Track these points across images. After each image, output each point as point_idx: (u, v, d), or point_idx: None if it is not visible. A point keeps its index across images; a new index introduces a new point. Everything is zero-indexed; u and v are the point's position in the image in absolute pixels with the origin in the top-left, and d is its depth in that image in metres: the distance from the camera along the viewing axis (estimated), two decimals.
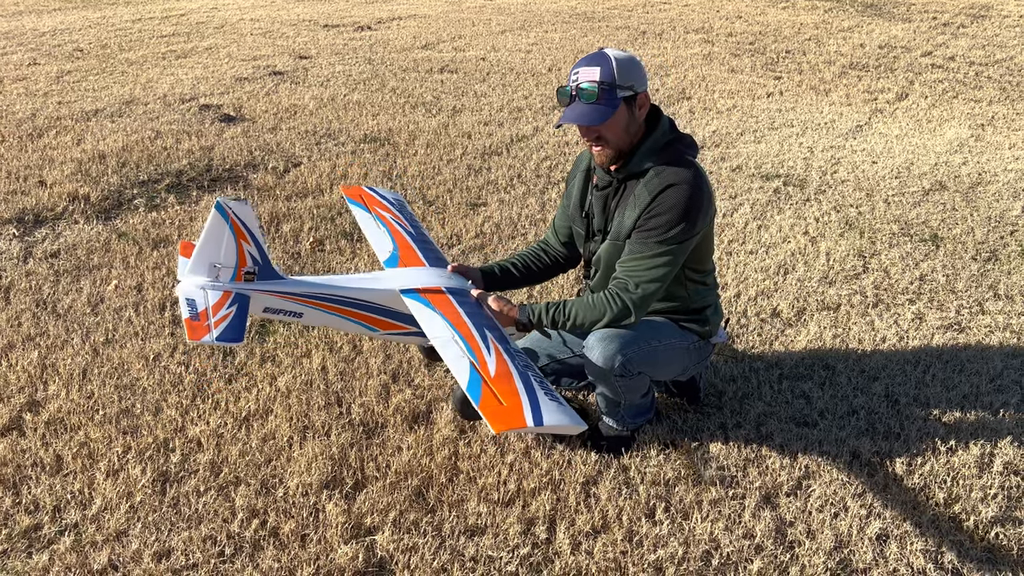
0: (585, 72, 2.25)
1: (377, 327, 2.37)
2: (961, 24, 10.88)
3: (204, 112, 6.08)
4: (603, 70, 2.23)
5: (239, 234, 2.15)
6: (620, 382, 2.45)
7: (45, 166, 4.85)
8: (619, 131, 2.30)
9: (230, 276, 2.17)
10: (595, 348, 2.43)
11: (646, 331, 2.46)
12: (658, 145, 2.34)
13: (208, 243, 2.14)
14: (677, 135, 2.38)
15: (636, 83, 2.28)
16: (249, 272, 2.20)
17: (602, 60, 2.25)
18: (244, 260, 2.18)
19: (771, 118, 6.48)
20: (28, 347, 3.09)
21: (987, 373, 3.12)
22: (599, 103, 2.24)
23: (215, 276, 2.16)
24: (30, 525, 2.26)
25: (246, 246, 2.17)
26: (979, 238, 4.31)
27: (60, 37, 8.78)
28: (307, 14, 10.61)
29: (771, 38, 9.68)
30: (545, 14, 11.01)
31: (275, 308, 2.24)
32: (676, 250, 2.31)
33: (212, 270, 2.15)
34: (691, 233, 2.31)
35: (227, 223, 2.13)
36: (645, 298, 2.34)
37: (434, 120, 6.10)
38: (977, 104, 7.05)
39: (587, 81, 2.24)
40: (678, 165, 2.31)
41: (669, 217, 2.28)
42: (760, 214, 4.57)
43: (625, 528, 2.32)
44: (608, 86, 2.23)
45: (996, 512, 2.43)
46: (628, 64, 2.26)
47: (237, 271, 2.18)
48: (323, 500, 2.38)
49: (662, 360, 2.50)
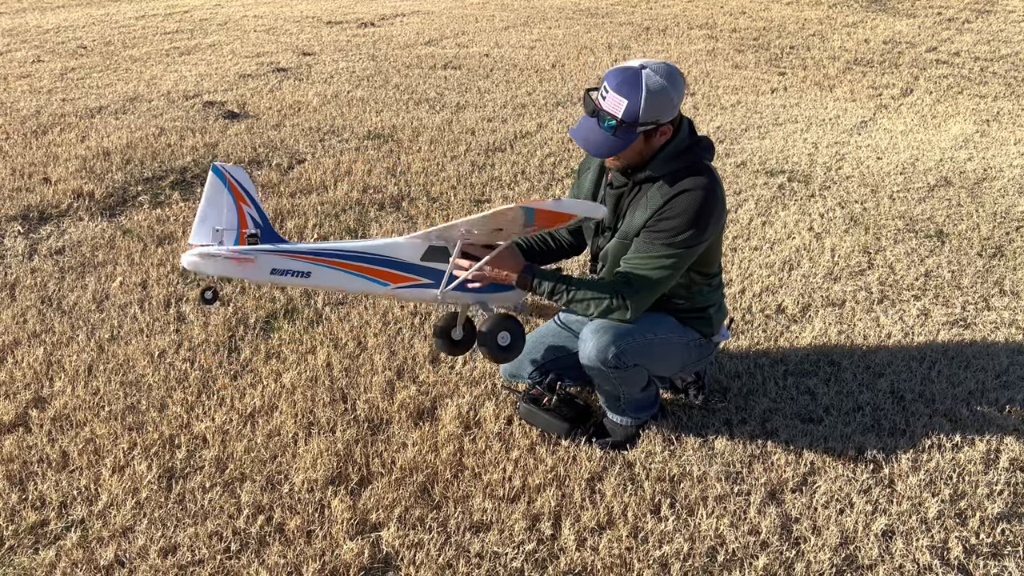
0: (612, 100, 2.19)
1: (388, 280, 2.26)
2: (966, 19, 10.84)
3: (208, 109, 6.08)
4: (629, 106, 2.17)
5: (238, 197, 2.11)
6: (615, 374, 2.44)
7: (50, 163, 4.85)
8: (631, 157, 2.31)
9: (233, 239, 2.12)
10: (589, 340, 2.42)
11: (643, 324, 2.45)
12: (677, 151, 2.32)
13: (208, 208, 2.09)
14: (696, 139, 2.37)
15: (662, 116, 2.23)
16: (252, 234, 2.14)
17: (633, 92, 2.17)
18: (245, 222, 2.13)
19: (775, 114, 6.46)
20: (34, 343, 3.09)
21: (993, 369, 3.11)
22: (615, 135, 2.23)
23: (219, 242, 2.10)
24: (37, 521, 2.27)
25: (246, 208, 2.13)
26: (984, 234, 4.30)
27: (64, 34, 8.78)
28: (310, 11, 10.60)
29: (775, 34, 9.65)
30: (548, 10, 10.99)
31: (282, 269, 2.15)
32: (682, 254, 2.30)
33: (215, 235, 2.09)
34: (699, 239, 2.30)
35: (225, 186, 2.09)
36: (643, 297, 2.33)
37: (438, 116, 6.09)
38: (982, 100, 7.02)
39: (610, 113, 2.20)
40: (695, 171, 2.30)
41: (679, 221, 2.27)
42: (765, 210, 4.56)
43: (630, 524, 2.32)
44: (628, 125, 2.20)
45: (1002, 508, 2.42)
46: (658, 98, 2.18)
47: (240, 234, 2.12)
48: (328, 496, 2.38)
49: (658, 354, 2.49)
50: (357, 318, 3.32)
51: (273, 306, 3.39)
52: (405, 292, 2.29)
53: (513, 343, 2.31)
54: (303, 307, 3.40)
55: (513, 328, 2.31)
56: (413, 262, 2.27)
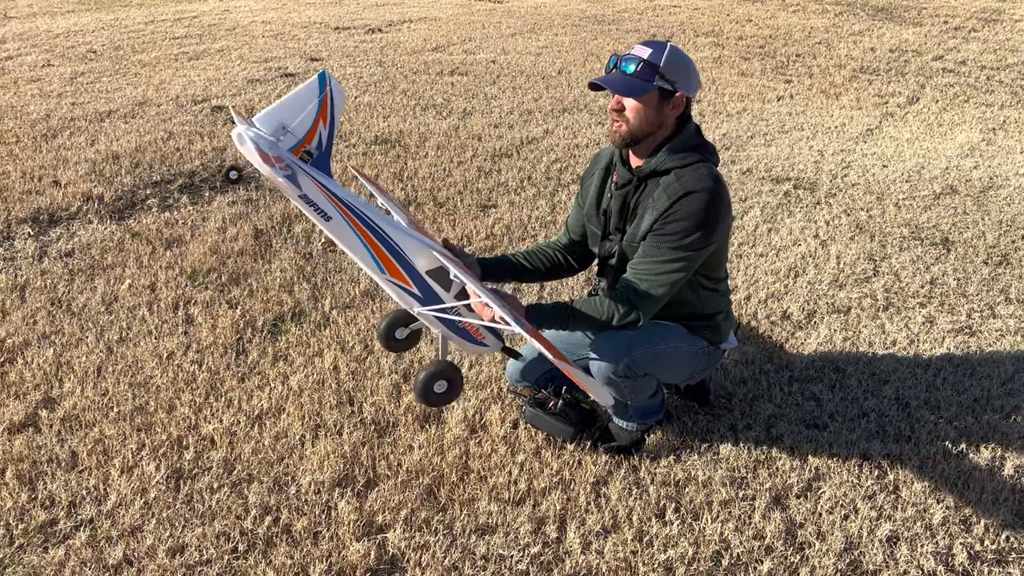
0: (638, 49, 2.25)
1: (385, 268, 2.15)
2: (972, 28, 10.85)
3: (216, 113, 6.12)
4: (654, 53, 2.23)
5: (322, 112, 2.01)
6: (626, 383, 2.45)
7: (59, 166, 4.89)
8: (641, 115, 2.26)
9: (291, 146, 1.98)
10: (601, 348, 2.43)
11: (653, 333, 2.46)
12: (682, 147, 2.32)
13: (290, 105, 1.98)
14: (702, 141, 2.37)
15: (680, 81, 2.26)
16: (308, 152, 2.01)
17: (659, 46, 2.25)
18: (311, 138, 2.01)
19: (781, 121, 6.48)
20: (43, 345, 3.12)
21: (998, 377, 3.12)
22: (634, 76, 2.24)
23: (277, 139, 1.94)
24: (46, 520, 2.29)
25: (321, 127, 2.03)
26: (990, 242, 4.31)
27: (74, 39, 8.85)
28: (318, 16, 10.66)
29: (781, 41, 9.67)
30: (555, 17, 11.03)
31: (311, 199, 1.98)
32: (690, 257, 2.29)
33: (278, 131, 1.95)
34: (707, 242, 2.30)
35: (318, 97, 2.00)
36: (652, 302, 2.32)
37: (444, 122, 6.12)
38: (988, 108, 7.03)
39: (635, 56, 2.24)
40: (699, 172, 2.29)
41: (686, 224, 2.26)
42: (770, 217, 4.57)
43: (635, 528, 2.33)
44: (650, 67, 2.22)
45: (1007, 515, 2.43)
46: (681, 62, 2.26)
47: (299, 145, 1.99)
48: (335, 498, 2.40)
49: (668, 363, 2.50)
50: (364, 322, 3.34)
51: (280, 309, 3.42)
52: (391, 288, 2.20)
53: (448, 393, 2.23)
54: (310, 310, 3.42)
55: (454, 379, 2.22)
56: (417, 269, 2.19)
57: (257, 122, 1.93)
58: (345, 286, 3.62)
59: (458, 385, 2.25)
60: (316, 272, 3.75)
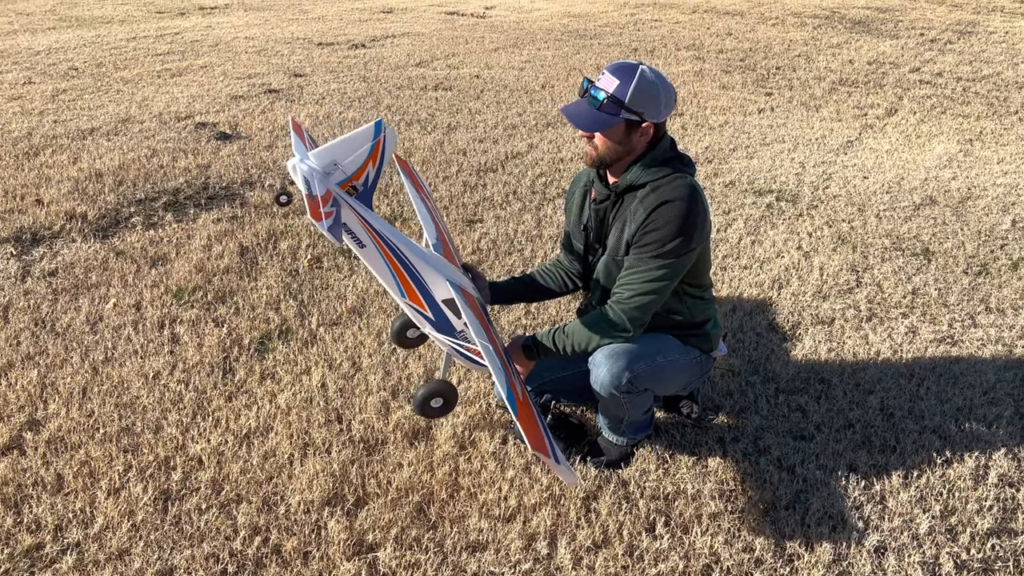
0: (606, 79, 2.27)
1: (406, 293, 2.32)
2: (948, 40, 11.02)
3: (200, 130, 6.11)
4: (620, 86, 2.24)
5: (373, 155, 2.16)
6: (626, 399, 2.47)
7: (42, 185, 4.86)
8: (608, 145, 2.33)
9: (339, 180, 2.13)
10: (602, 365, 2.45)
11: (651, 347, 2.48)
12: (656, 162, 2.36)
13: (345, 145, 2.12)
14: (676, 154, 2.41)
15: (647, 112, 2.28)
16: (354, 187, 2.17)
17: (627, 76, 2.25)
18: (359, 176, 2.16)
19: (763, 134, 6.54)
20: (27, 366, 3.09)
21: (980, 386, 3.16)
22: (600, 112, 2.28)
23: (327, 173, 2.10)
24: (32, 544, 2.26)
25: (370, 167, 2.17)
26: (970, 252, 4.37)
27: (55, 56, 8.80)
28: (301, 32, 10.67)
29: (761, 55, 9.78)
30: (538, 32, 11.10)
31: (350, 228, 2.19)
32: (672, 264, 2.32)
33: (330, 166, 2.11)
34: (687, 248, 2.33)
35: (371, 143, 2.14)
36: (641, 311, 2.35)
37: (429, 137, 6.14)
38: (965, 119, 7.14)
39: (602, 88, 2.27)
40: (674, 182, 2.33)
41: (665, 232, 2.30)
42: (754, 229, 4.61)
43: (626, 543, 2.34)
44: (615, 102, 2.25)
45: (992, 524, 2.45)
46: (649, 92, 2.26)
47: (347, 180, 2.15)
48: (325, 517, 2.39)
49: (667, 375, 2.52)
50: (351, 338, 3.34)
51: (267, 326, 3.41)
52: (409, 309, 2.34)
53: (443, 409, 2.39)
54: (297, 327, 3.41)
55: (448, 396, 2.38)
56: (434, 297, 2.33)
57: (312, 156, 2.08)
58: (332, 303, 3.62)
59: (453, 402, 2.39)
60: (303, 289, 3.74)
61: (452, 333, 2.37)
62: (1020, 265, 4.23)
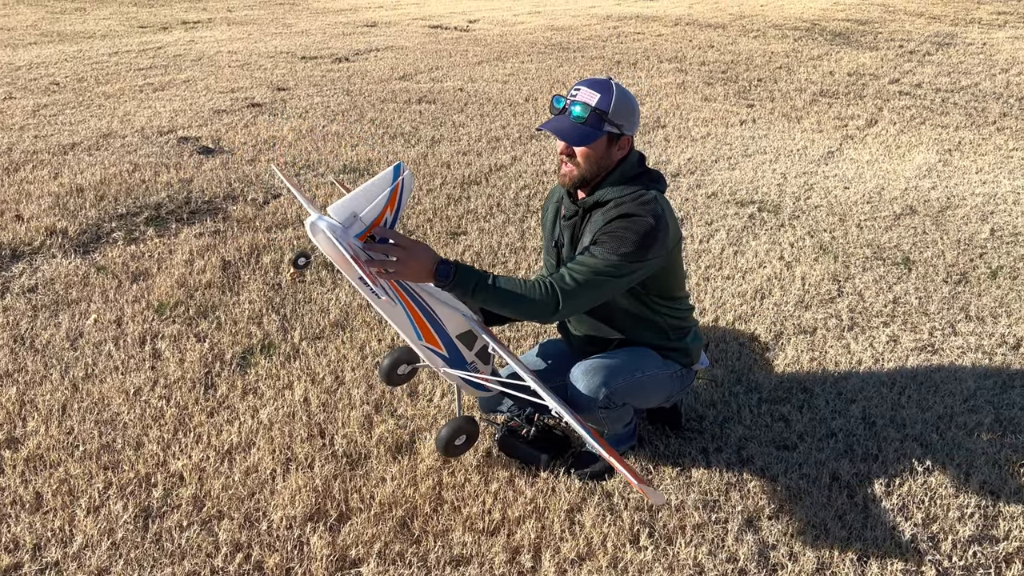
0: (585, 93, 2.28)
1: (423, 335, 2.32)
2: (927, 52, 11.16)
3: (182, 144, 6.09)
4: (602, 99, 2.27)
5: (391, 200, 2.14)
6: (604, 413, 2.47)
7: (22, 200, 4.83)
8: (591, 160, 2.34)
9: (358, 232, 2.09)
10: (580, 380, 2.45)
11: (630, 362, 2.48)
12: (624, 178, 2.38)
13: (363, 195, 2.10)
14: (644, 170, 2.43)
15: (626, 125, 2.32)
16: (372, 237, 2.13)
17: (605, 89, 2.29)
18: (377, 223, 2.13)
19: (745, 145, 6.59)
20: (6, 383, 3.06)
21: (960, 393, 3.18)
22: (585, 125, 2.29)
23: (347, 226, 2.06)
24: (10, 564, 2.23)
25: (388, 213, 2.15)
26: (949, 261, 4.41)
27: (36, 71, 8.76)
28: (284, 46, 10.67)
29: (743, 67, 9.87)
30: (521, 45, 11.15)
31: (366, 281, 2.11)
32: (620, 266, 2.27)
33: (350, 219, 2.07)
34: (640, 258, 2.29)
35: (390, 187, 2.12)
36: (575, 294, 2.26)
37: (413, 150, 6.15)
38: (944, 130, 7.22)
39: (583, 102, 2.28)
40: (639, 197, 2.34)
41: (621, 236, 2.28)
42: (736, 240, 4.64)
43: (610, 555, 2.33)
44: (599, 115, 2.27)
45: (973, 531, 2.47)
46: (626, 105, 2.31)
47: (365, 231, 2.11)
48: (307, 533, 2.37)
49: (647, 390, 2.53)
50: (334, 352, 3.32)
51: (249, 341, 3.39)
52: (423, 351, 2.36)
53: (466, 444, 2.53)
54: (279, 342, 3.39)
55: (471, 432, 2.50)
56: (448, 333, 2.37)
57: (331, 211, 2.06)
58: (315, 317, 3.60)
59: (475, 438, 2.53)
60: (285, 303, 3.73)
61: (463, 367, 2.41)
62: (999, 273, 4.28)
